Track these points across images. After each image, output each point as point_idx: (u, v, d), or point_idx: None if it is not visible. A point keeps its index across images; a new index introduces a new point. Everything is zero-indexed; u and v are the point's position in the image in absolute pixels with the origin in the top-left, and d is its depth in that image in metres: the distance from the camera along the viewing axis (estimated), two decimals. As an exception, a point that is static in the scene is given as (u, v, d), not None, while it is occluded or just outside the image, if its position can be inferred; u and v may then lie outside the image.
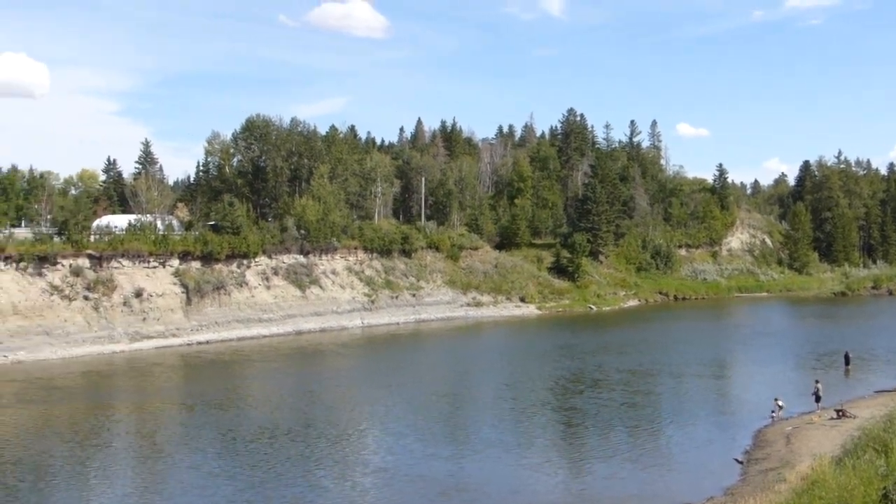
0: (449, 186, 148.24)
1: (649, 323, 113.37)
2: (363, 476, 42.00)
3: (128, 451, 48.19)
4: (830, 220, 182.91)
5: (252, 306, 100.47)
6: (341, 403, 61.58)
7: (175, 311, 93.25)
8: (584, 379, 69.64)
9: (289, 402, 62.21)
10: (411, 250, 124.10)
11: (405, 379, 71.37)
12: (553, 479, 41.72)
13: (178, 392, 67.47)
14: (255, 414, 57.83)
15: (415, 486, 40.22)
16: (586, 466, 43.72)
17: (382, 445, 48.41)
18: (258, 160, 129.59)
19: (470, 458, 45.05)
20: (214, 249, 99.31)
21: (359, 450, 47.55)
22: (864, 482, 27.22)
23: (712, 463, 44.45)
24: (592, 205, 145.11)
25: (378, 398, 62.98)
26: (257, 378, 73.84)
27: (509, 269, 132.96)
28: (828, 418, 51.72)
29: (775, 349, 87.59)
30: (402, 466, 43.51)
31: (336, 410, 58.98)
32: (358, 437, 51.02)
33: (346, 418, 56.46)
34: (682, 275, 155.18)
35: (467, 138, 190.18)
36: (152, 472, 43.57)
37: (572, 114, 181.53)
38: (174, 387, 70.54)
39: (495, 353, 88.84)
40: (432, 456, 45.51)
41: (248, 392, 66.70)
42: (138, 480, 41.94)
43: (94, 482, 41.57)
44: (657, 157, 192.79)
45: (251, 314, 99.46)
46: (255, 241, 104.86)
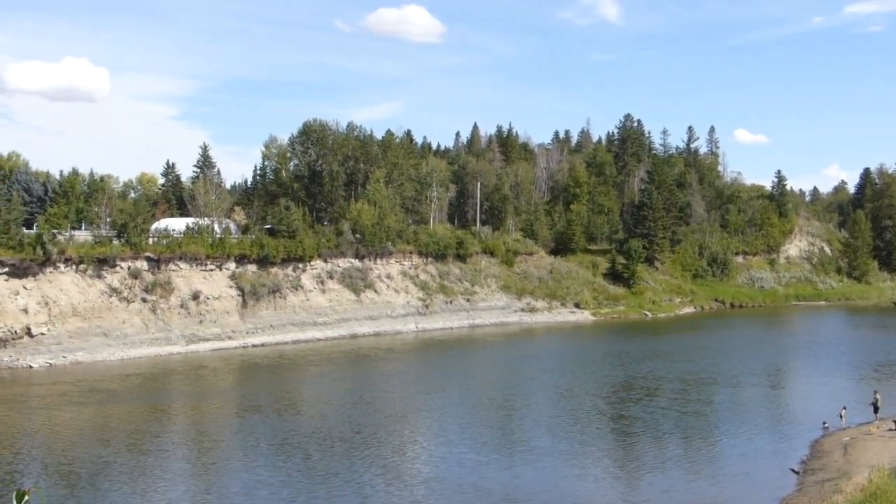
0: (504, 191, 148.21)
1: (705, 330, 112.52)
2: (414, 486, 41.73)
3: (181, 455, 48.71)
4: (891, 229, 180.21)
5: (307, 310, 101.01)
6: (393, 409, 61.76)
7: (231, 314, 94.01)
8: (639, 387, 69.31)
9: (341, 407, 62.40)
10: (466, 255, 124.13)
11: (458, 385, 71.47)
12: (608, 489, 41.55)
13: (233, 395, 68.04)
14: (307, 419, 58.28)
15: (466, 496, 39.98)
16: (641, 476, 43.48)
17: (434, 453, 48.33)
18: (314, 164, 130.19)
19: (523, 467, 44.81)
20: (270, 253, 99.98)
21: (410, 458, 47.50)
22: (924, 495, 26.81)
23: (768, 473, 44.09)
24: (648, 211, 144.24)
25: (430, 404, 63.18)
26: (311, 382, 74.34)
27: (564, 274, 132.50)
28: (886, 429, 51.06)
29: (833, 359, 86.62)
30: (453, 476, 43.29)
31: (388, 417, 59.11)
32: (410, 444, 51.04)
33: (398, 425, 56.56)
34: (739, 282, 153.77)
35: (523, 143, 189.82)
36: (204, 477, 43.96)
37: (629, 119, 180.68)
38: (229, 390, 71.16)
39: (549, 360, 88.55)
40: (485, 465, 45.30)
41: (301, 396, 67.20)
42: (190, 485, 42.38)
43: (146, 485, 41.89)
44: (715, 163, 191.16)
45: (306, 317, 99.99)
46: (311, 244, 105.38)
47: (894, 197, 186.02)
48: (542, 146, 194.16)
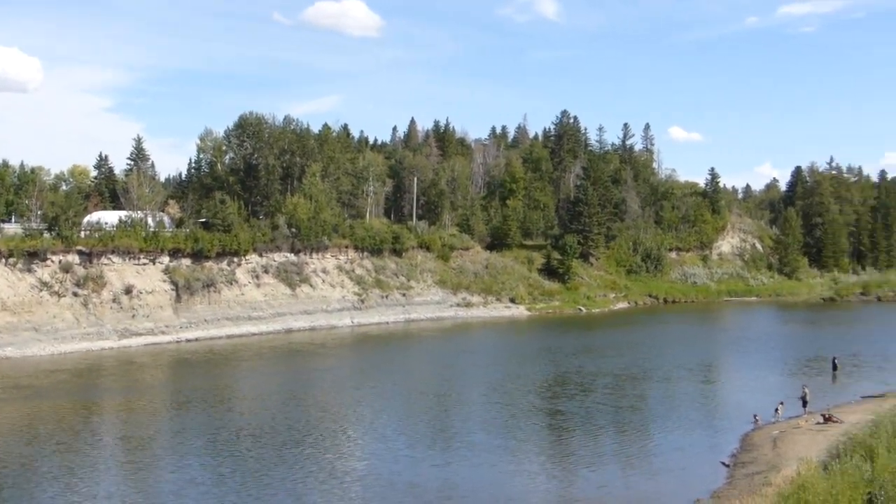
0: (441, 186, 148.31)
1: (638, 326, 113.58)
2: (348, 483, 41.30)
3: (109, 453, 47.70)
4: (821, 226, 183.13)
5: (242, 304, 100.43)
6: (328, 405, 61.36)
7: (164, 309, 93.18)
8: (574, 382, 69.69)
9: (275, 402, 61.90)
10: (402, 250, 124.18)
11: (393, 380, 71.34)
12: (544, 485, 41.58)
13: (165, 391, 67.29)
14: (239, 415, 57.67)
15: (401, 493, 39.64)
16: (577, 471, 43.66)
17: (368, 450, 47.93)
18: (250, 158, 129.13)
19: (459, 463, 44.75)
20: (205, 247, 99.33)
21: (344, 455, 46.98)
22: (850, 487, 27.38)
23: (700, 466, 44.65)
24: (584, 207, 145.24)
25: (365, 400, 62.90)
26: (245, 377, 73.76)
27: (500, 269, 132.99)
28: (815, 423, 51.94)
29: (763, 354, 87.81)
30: (388, 473, 42.99)
31: (323, 412, 58.67)
32: (344, 440, 50.63)
33: (333, 421, 56.12)
34: (672, 278, 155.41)
35: (460, 139, 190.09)
36: (133, 476, 42.88)
37: (566, 116, 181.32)
38: (160, 385, 70.27)
39: (484, 355, 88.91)
40: (420, 461, 45.23)
41: (234, 392, 66.58)
42: (118, 485, 41.35)
43: (72, 485, 40.83)
44: (649, 160, 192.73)
45: (241, 312, 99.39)
46: (246, 238, 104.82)
47: (825, 195, 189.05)
48: (478, 141, 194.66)
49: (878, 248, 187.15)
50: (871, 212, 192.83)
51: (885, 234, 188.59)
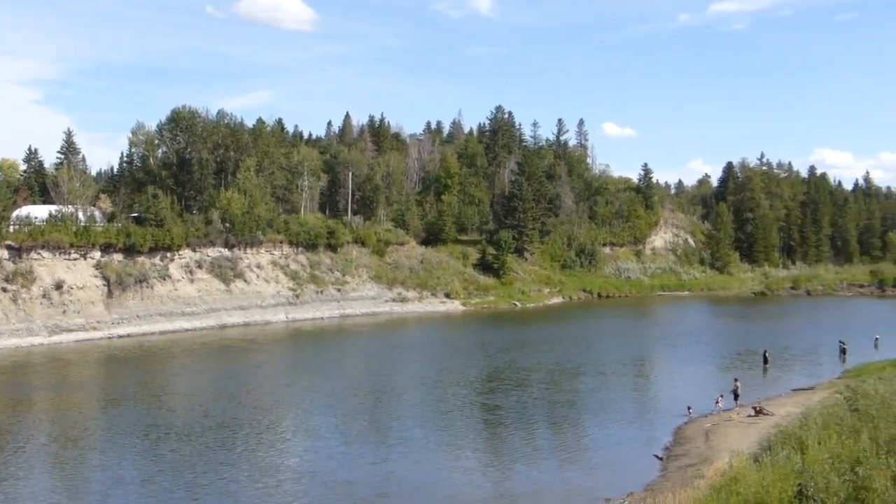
0: (376, 181, 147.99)
1: (573, 320, 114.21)
2: (283, 482, 40.80)
3: (37, 451, 46.66)
4: (752, 221, 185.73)
5: (175, 300, 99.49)
6: (262, 402, 60.63)
7: (96, 304, 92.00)
8: (509, 376, 69.89)
9: (208, 399, 61.02)
10: (337, 245, 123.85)
11: (328, 376, 70.86)
12: (481, 480, 41.55)
13: (95, 388, 66.33)
14: (172, 412, 56.76)
15: (337, 491, 39.33)
16: (513, 466, 43.73)
17: (303, 447, 47.50)
18: (183, 152, 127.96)
19: (395, 460, 44.55)
20: (137, 242, 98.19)
21: (279, 452, 46.46)
22: (781, 478, 27.74)
23: (633, 459, 45.08)
24: (518, 202, 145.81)
25: (300, 396, 62.50)
26: (177, 374, 73.01)
27: (435, 264, 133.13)
28: (746, 416, 52.68)
29: (696, 348, 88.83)
30: (324, 470, 42.62)
31: (256, 409, 57.85)
32: (278, 438, 50.11)
33: (267, 418, 55.41)
34: (606, 273, 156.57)
35: (395, 134, 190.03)
36: (61, 475, 42.29)
37: (500, 111, 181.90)
38: (91, 382, 69.26)
39: (420, 350, 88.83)
40: (356, 458, 44.89)
41: (166, 389, 65.63)
42: (46, 484, 40.76)
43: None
44: (583, 155, 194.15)
45: (174, 308, 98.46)
46: (179, 233, 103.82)
47: (755, 190, 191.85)
48: (414, 137, 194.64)
49: (808, 243, 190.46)
50: (801, 207, 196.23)
51: (814, 229, 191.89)
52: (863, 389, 40.55)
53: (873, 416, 34.18)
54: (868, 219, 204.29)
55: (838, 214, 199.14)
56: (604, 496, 38.12)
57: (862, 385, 42.76)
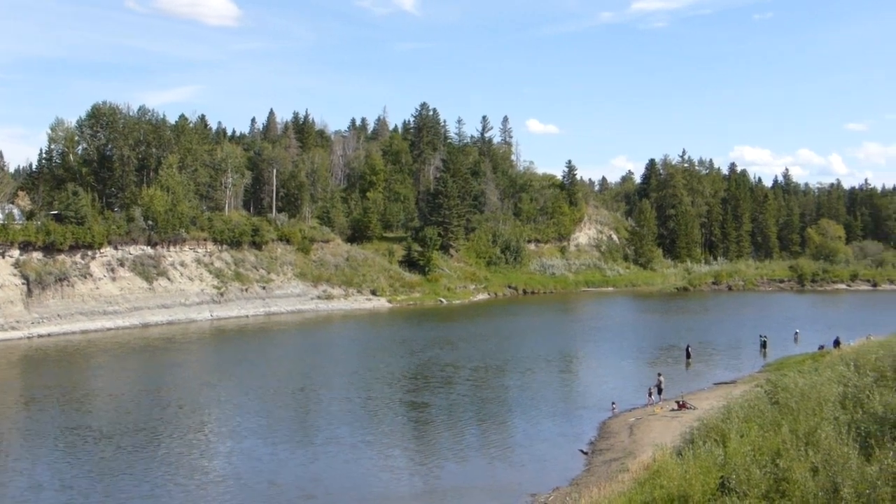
0: (301, 178, 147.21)
1: (498, 317, 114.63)
2: (207, 484, 39.92)
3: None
4: (674, 218, 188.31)
5: (97, 298, 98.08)
6: (185, 402, 59.51)
7: (15, 304, 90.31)
8: (435, 374, 69.93)
9: (129, 400, 59.91)
10: (262, 242, 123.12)
11: (253, 375, 70.02)
12: (408, 479, 41.40)
13: (13, 389, 64.75)
14: (91, 414, 55.48)
15: (262, 494, 38.61)
16: (440, 464, 43.61)
17: (228, 449, 46.61)
18: (104, 149, 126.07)
19: (322, 460, 44.04)
20: (57, 240, 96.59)
21: (202, 454, 45.55)
22: (703, 471, 28.04)
23: (559, 454, 45.28)
24: (444, 199, 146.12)
25: (224, 396, 61.58)
26: (98, 374, 71.59)
27: (360, 262, 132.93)
28: (669, 410, 53.22)
29: (620, 343, 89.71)
30: (249, 472, 41.84)
31: (179, 410, 56.87)
32: (202, 439, 49.06)
33: (190, 419, 54.44)
34: (531, 269, 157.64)
35: (320, 130, 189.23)
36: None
37: (425, 108, 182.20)
38: (9, 383, 67.52)
39: (346, 348, 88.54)
40: (282, 459, 44.28)
41: (86, 389, 64.31)
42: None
43: None
44: (508, 152, 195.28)
45: (95, 306, 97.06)
46: (101, 231, 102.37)
47: (678, 187, 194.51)
48: (338, 133, 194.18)
49: (729, 239, 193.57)
50: (722, 204, 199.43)
51: (735, 225, 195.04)
52: (783, 382, 41.16)
53: (793, 408, 34.69)
54: (787, 215, 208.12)
55: (758, 211, 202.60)
56: (530, 492, 38.27)
57: (782, 378, 43.40)
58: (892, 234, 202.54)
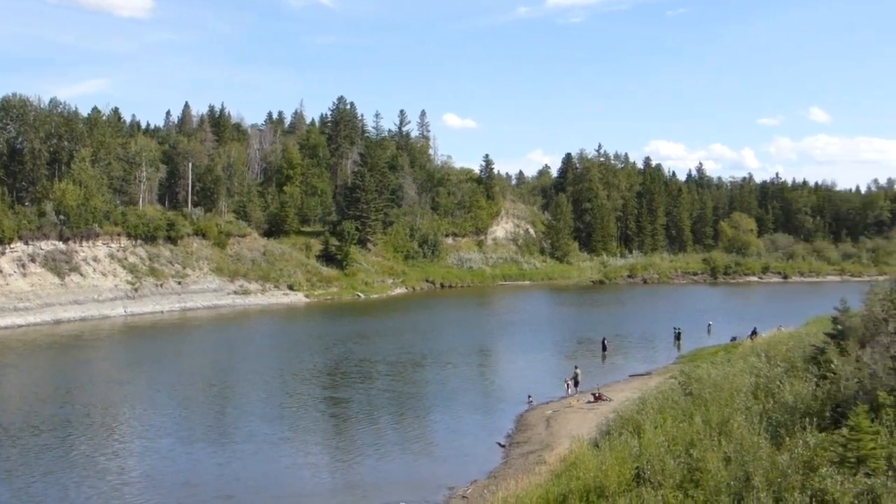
0: (217, 172, 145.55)
1: (416, 311, 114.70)
2: (120, 486, 38.88)
3: None
4: (590, 211, 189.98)
5: (6, 295, 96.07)
6: (97, 400, 58.20)
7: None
8: (354, 369, 69.75)
9: (38, 399, 58.02)
10: (177, 237, 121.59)
11: (168, 372, 68.98)
12: (324, 474, 41.24)
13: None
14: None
15: (178, 494, 37.93)
16: (359, 459, 43.47)
17: (142, 448, 45.52)
18: (14, 142, 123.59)
19: (239, 459, 43.28)
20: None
21: (116, 454, 44.42)
22: (619, 462, 28.40)
23: (477, 447, 45.50)
24: (361, 193, 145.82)
25: (138, 394, 60.57)
26: (5, 372, 69.41)
27: (277, 256, 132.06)
28: (585, 402, 53.74)
29: (537, 336, 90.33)
30: (164, 472, 41.11)
31: (91, 408, 55.41)
32: (115, 439, 47.92)
33: (102, 417, 53.16)
34: (449, 263, 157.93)
35: (236, 124, 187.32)
36: None
37: (342, 102, 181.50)
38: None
39: (264, 343, 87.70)
40: (198, 458, 43.59)
41: (-5, 387, 63.01)
42: None
43: None
44: (426, 146, 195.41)
45: (5, 303, 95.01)
46: (11, 226, 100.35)
47: (594, 181, 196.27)
48: (255, 127, 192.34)
49: (644, 233, 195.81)
50: (637, 197, 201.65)
51: (649, 218, 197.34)
52: (696, 374, 41.84)
53: (706, 399, 35.27)
54: (701, 208, 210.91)
55: (673, 204, 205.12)
56: (448, 485, 38.42)
57: (695, 370, 44.10)
58: (803, 228, 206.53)
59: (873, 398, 26.99)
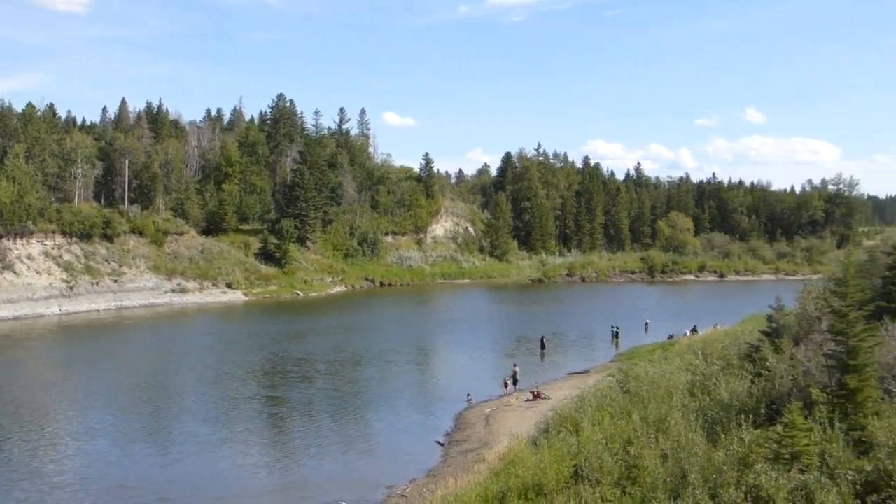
0: (154, 170, 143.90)
1: (355, 309, 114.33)
2: (53, 489, 38.12)
3: None
4: (529, 210, 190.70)
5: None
6: (30, 402, 56.84)
7: None
8: (293, 368, 69.36)
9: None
10: (114, 235, 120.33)
11: (104, 372, 68.04)
12: (263, 474, 40.95)
13: None
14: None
15: (114, 497, 37.28)
16: (299, 459, 43.33)
17: (77, 450, 44.73)
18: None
19: (178, 461, 42.77)
20: None
21: (49, 457, 43.45)
22: (557, 460, 28.57)
23: (416, 446, 45.54)
24: (300, 191, 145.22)
25: (72, 395, 59.71)
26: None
27: (216, 254, 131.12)
28: (524, 400, 53.95)
29: (476, 334, 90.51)
30: (99, 475, 40.36)
31: (22, 409, 54.23)
32: (48, 441, 46.78)
33: (35, 419, 51.93)
34: (388, 261, 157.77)
35: (174, 121, 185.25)
36: None
37: (282, 99, 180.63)
38: None
39: (201, 343, 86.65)
40: (136, 461, 42.83)
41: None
42: None
43: None
44: (365, 144, 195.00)
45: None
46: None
47: (533, 180, 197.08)
48: (193, 124, 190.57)
49: (582, 231, 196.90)
50: (576, 196, 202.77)
51: (588, 217, 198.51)
52: (634, 372, 42.24)
53: (643, 397, 35.63)
54: (639, 208, 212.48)
55: (611, 204, 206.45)
56: (387, 484, 38.40)
57: (633, 368, 44.53)
58: (738, 227, 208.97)
59: (807, 395, 27.42)
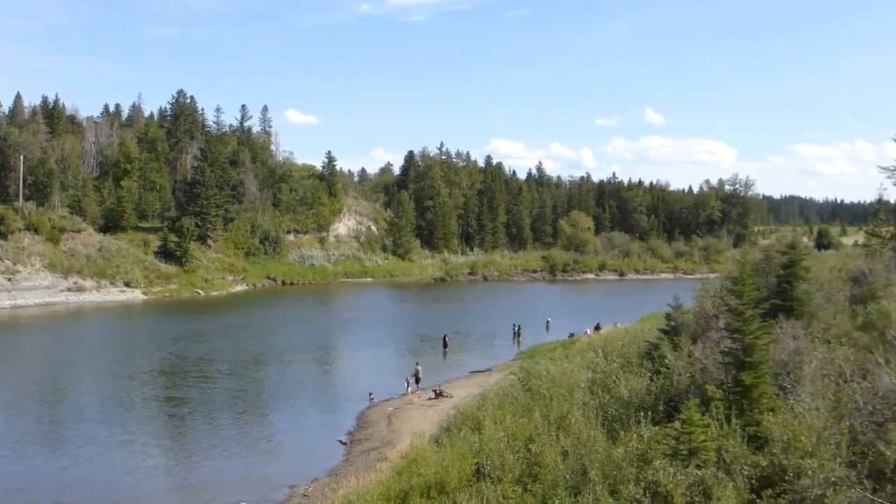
0: (50, 166, 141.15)
1: (257, 309, 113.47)
2: None
3: None
4: (432, 209, 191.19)
5: None
6: None
7: None
8: (193, 368, 68.62)
9: None
10: (7, 232, 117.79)
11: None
12: (162, 476, 40.46)
13: None
14: None
15: (11, 502, 36.49)
16: (199, 460, 42.91)
17: None
18: None
19: (74, 464, 41.89)
20: None
21: None
22: (459, 458, 28.80)
23: (318, 446, 45.55)
24: (201, 188, 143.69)
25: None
26: None
27: (114, 252, 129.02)
28: (427, 399, 54.24)
29: (378, 333, 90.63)
30: None
31: None
32: None
33: None
34: (291, 260, 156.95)
35: (71, 116, 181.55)
36: None
37: (182, 96, 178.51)
38: None
39: (99, 342, 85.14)
40: (30, 465, 41.81)
41: None
42: None
43: None
44: (267, 142, 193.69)
45: None
46: None
47: (435, 179, 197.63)
48: (91, 119, 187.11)
49: (485, 230, 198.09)
50: (479, 195, 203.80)
51: (490, 216, 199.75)
52: (535, 370, 42.70)
53: (545, 394, 36.05)
54: (540, 207, 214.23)
55: (513, 203, 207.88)
56: (289, 483, 38.36)
57: (534, 366, 44.99)
58: (638, 226, 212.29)
59: (704, 392, 28.02)
